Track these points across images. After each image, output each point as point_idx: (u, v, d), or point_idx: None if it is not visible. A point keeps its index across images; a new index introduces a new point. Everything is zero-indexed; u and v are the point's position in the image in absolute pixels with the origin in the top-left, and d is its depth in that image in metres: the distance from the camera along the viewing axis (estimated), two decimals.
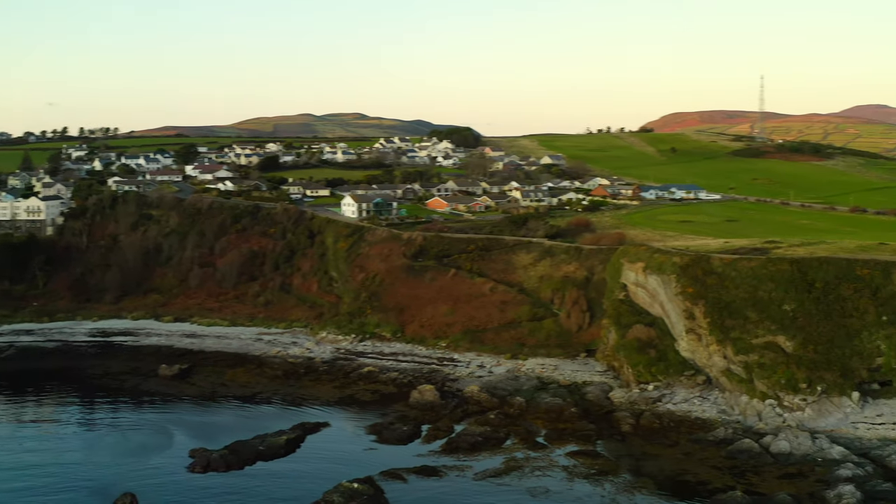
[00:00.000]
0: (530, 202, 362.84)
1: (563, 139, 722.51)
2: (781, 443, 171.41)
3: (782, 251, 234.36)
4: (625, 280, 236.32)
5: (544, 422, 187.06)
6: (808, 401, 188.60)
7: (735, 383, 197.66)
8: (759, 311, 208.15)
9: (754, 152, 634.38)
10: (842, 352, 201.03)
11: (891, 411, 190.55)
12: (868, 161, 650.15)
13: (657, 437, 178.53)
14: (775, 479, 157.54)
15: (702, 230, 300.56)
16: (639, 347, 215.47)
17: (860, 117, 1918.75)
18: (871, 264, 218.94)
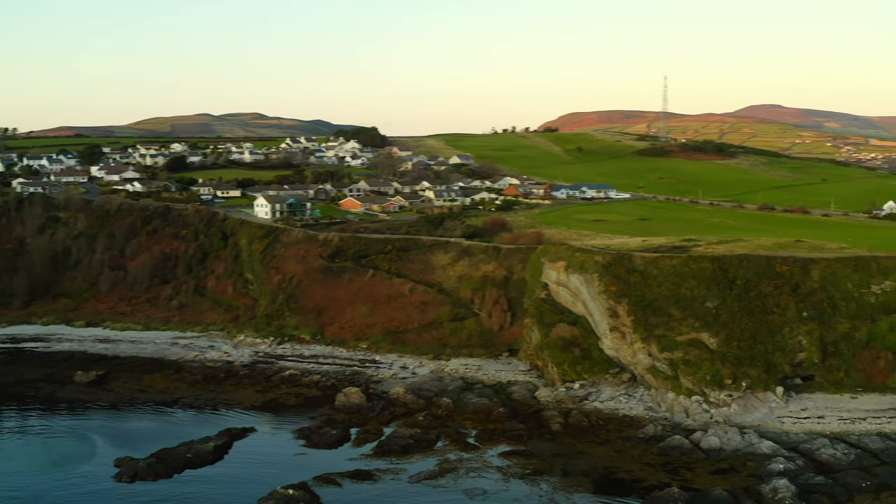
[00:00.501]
0: (444, 202, 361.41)
1: (469, 139, 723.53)
2: (711, 438, 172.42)
3: (702, 249, 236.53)
4: (546, 279, 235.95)
5: (473, 422, 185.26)
6: (733, 396, 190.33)
7: (660, 380, 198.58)
8: (682, 308, 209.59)
9: (659, 151, 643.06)
10: (764, 347, 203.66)
11: (814, 405, 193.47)
12: (770, 160, 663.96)
13: (588, 436, 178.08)
14: (708, 475, 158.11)
15: (616, 229, 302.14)
16: (563, 346, 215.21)
17: (754, 117, 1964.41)
18: (790, 261, 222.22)
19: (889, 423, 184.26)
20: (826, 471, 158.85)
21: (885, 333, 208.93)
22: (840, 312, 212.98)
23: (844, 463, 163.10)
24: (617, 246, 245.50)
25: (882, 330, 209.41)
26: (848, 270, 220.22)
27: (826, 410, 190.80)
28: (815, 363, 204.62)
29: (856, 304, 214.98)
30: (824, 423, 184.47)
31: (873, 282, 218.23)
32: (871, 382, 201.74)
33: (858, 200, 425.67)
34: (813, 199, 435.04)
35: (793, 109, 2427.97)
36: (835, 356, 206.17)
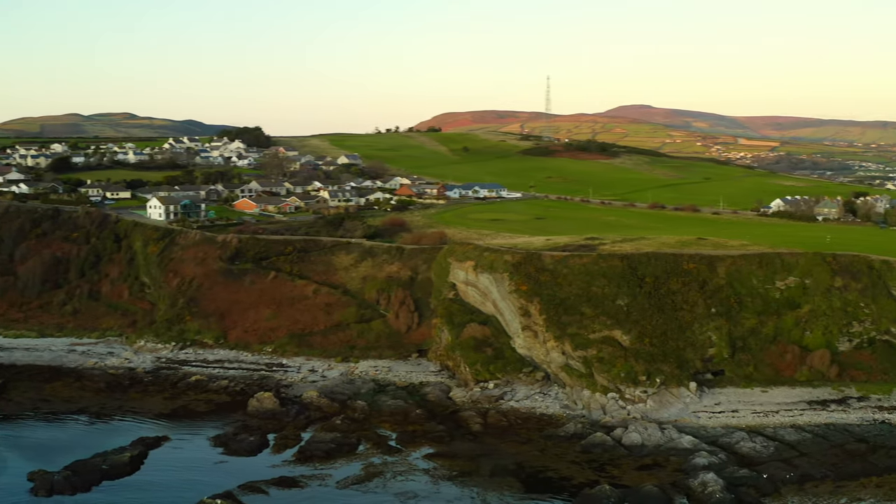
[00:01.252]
0: (339, 202, 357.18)
1: (354, 139, 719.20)
2: (633, 435, 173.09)
3: (609, 248, 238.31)
4: (454, 279, 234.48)
5: (392, 425, 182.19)
6: (648, 392, 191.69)
7: (575, 378, 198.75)
8: (593, 306, 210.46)
9: (544, 151, 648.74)
10: (676, 344, 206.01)
11: (727, 399, 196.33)
12: (652, 159, 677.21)
13: (509, 435, 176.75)
14: (634, 471, 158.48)
15: (515, 228, 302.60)
16: (475, 346, 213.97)
17: (625, 117, 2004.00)
18: (697, 259, 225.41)
19: (801, 415, 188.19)
20: (748, 464, 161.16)
21: (791, 328, 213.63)
22: (746, 308, 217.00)
23: (765, 455, 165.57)
24: (522, 245, 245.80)
25: (787, 325, 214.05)
26: (753, 267, 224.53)
27: (739, 404, 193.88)
28: (724, 358, 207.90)
29: (761, 299, 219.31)
30: (739, 416, 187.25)
31: (777, 278, 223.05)
32: (779, 376, 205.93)
33: (744, 198, 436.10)
34: (697, 197, 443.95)
35: (662, 109, 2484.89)
36: (743, 351, 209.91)
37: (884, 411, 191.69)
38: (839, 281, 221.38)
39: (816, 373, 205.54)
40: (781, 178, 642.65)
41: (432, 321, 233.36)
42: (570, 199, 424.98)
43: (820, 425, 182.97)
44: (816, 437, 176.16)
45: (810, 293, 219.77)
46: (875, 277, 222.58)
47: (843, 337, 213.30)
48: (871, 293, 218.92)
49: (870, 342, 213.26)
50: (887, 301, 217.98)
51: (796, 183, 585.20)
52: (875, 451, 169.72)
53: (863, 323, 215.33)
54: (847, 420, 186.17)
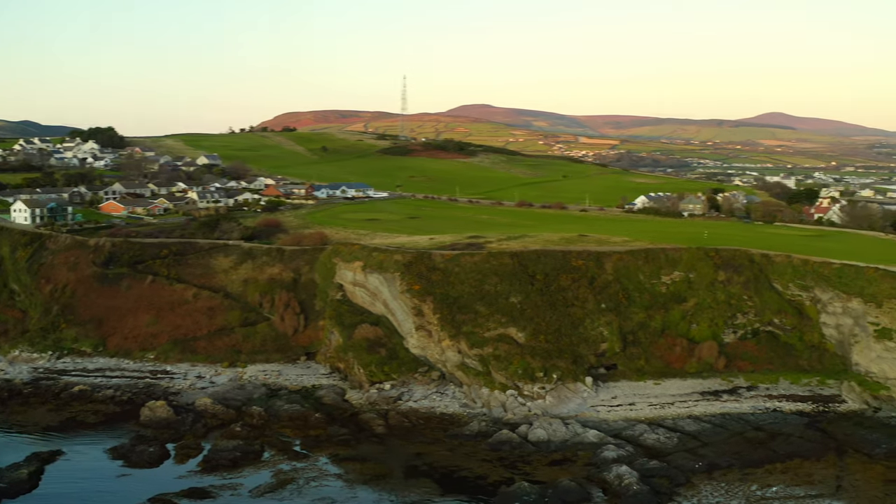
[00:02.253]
0: (208, 204, 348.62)
1: (209, 139, 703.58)
2: (538, 431, 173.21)
3: (495, 246, 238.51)
4: (341, 280, 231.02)
5: (293, 430, 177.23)
6: (546, 388, 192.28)
7: (472, 376, 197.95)
8: (487, 304, 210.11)
9: (402, 150, 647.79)
10: (570, 340, 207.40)
11: (622, 393, 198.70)
12: (509, 158, 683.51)
13: (414, 436, 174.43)
14: (546, 467, 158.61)
15: (392, 228, 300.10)
16: (368, 347, 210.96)
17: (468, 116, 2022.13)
18: (585, 255, 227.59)
19: (696, 405, 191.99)
20: (655, 455, 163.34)
21: (678, 321, 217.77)
22: (635, 303, 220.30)
23: (670, 447, 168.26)
24: (406, 245, 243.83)
25: (675, 318, 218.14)
26: (639, 262, 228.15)
27: (635, 397, 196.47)
28: (617, 353, 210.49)
29: (649, 294, 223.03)
30: (637, 409, 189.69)
31: (663, 273, 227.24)
32: (670, 368, 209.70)
33: (604, 196, 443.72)
34: (558, 194, 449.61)
35: (503, 109, 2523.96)
36: (634, 345, 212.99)
37: (773, 399, 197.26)
38: (722, 275, 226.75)
39: (705, 364, 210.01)
40: (634, 176, 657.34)
41: (319, 323, 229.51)
42: (438, 198, 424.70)
43: (716, 415, 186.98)
44: (715, 427, 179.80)
45: (695, 287, 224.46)
46: (756, 271, 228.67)
47: (728, 329, 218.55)
48: (754, 286, 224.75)
49: (754, 333, 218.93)
50: (769, 293, 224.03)
51: (649, 180, 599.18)
52: (774, 439, 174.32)
53: (746, 315, 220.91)
54: (741, 409, 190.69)
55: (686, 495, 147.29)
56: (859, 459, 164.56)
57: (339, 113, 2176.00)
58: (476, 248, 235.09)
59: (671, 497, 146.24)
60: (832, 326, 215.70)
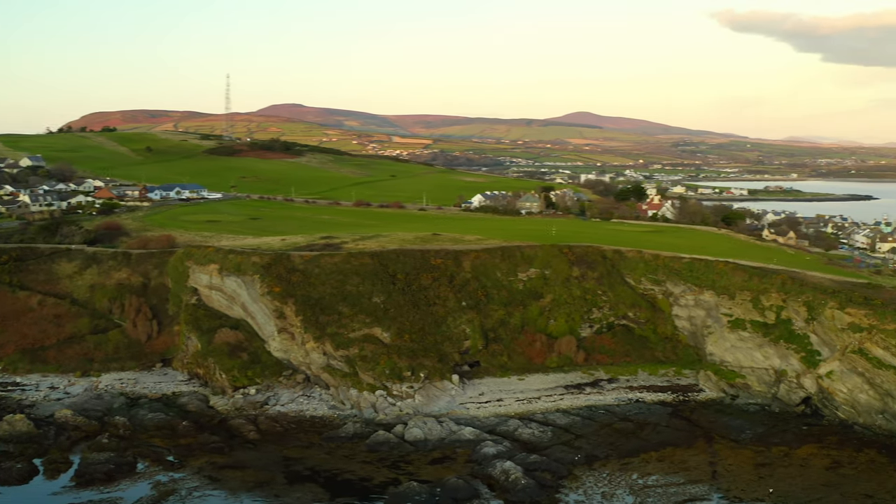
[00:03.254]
0: (41, 207, 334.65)
1: (28, 139, 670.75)
2: (414, 430, 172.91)
3: (352, 246, 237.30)
4: (195, 283, 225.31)
5: (163, 440, 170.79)
6: (415, 387, 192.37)
7: (339, 378, 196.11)
8: (350, 305, 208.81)
9: (229, 151, 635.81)
10: (434, 338, 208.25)
11: (489, 389, 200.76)
12: (336, 158, 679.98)
13: (289, 440, 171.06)
14: (429, 466, 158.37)
15: (235, 229, 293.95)
16: (229, 352, 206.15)
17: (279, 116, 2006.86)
18: (443, 254, 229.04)
19: (562, 399, 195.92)
20: (533, 449, 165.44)
21: (537, 317, 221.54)
22: (493, 300, 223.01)
23: (546, 440, 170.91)
24: (262, 246, 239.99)
25: (533, 314, 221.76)
26: (496, 260, 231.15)
27: (501, 393, 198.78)
28: (480, 350, 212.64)
29: (507, 291, 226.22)
30: (505, 405, 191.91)
31: (519, 270, 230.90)
32: (532, 364, 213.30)
33: (436, 194, 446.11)
34: (391, 194, 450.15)
35: (314, 108, 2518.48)
36: (496, 342, 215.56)
37: (635, 391, 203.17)
38: (577, 271, 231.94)
39: (565, 358, 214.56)
40: (461, 174, 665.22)
41: (174, 328, 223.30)
42: (274, 199, 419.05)
43: (583, 408, 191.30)
44: (584, 420, 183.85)
45: (551, 283, 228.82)
46: (609, 266, 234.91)
47: (584, 323, 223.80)
48: (608, 281, 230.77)
49: (609, 327, 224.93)
50: (622, 288, 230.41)
51: (477, 179, 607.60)
52: (643, 429, 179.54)
53: (601, 309, 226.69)
54: (605, 401, 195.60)
55: (571, 487, 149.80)
56: (727, 445, 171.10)
57: (148, 112, 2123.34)
58: (333, 248, 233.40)
59: (557, 490, 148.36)
60: (684, 318, 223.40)
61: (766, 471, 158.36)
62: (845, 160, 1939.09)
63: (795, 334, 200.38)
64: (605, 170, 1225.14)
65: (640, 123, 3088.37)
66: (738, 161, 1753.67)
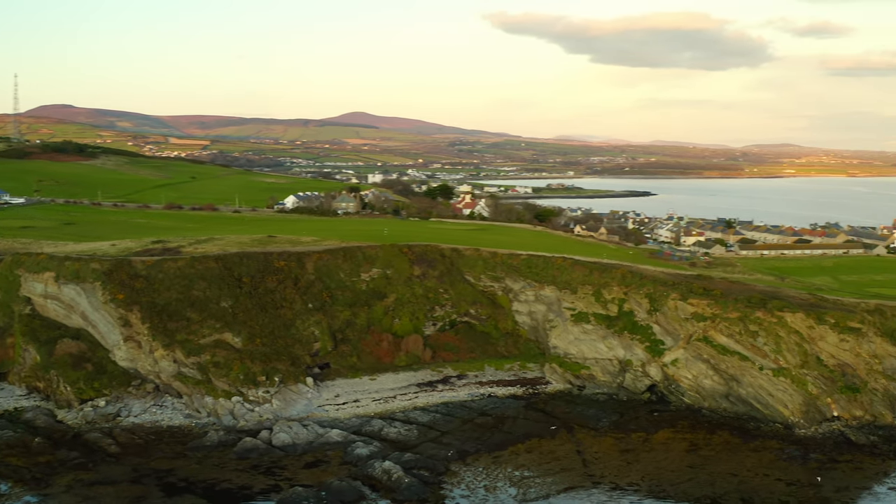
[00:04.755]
0: None
1: None
2: (281, 435, 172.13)
3: (190, 249, 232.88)
4: (28, 293, 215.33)
5: (18, 458, 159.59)
6: (271, 392, 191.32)
7: (192, 386, 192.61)
8: (199, 310, 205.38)
9: (20, 153, 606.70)
10: (285, 341, 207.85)
11: (343, 391, 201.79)
12: (131, 160, 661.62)
13: (152, 452, 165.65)
14: (304, 470, 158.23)
15: (53, 235, 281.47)
16: (73, 363, 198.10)
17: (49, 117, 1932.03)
18: (286, 256, 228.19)
19: (417, 397, 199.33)
20: (404, 448, 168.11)
21: (382, 317, 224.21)
22: (338, 301, 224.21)
23: (413, 439, 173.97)
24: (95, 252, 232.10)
25: (378, 314, 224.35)
26: (338, 261, 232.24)
27: (356, 394, 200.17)
28: (329, 351, 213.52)
29: (350, 292, 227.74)
30: (363, 406, 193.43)
31: (362, 270, 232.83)
32: (381, 363, 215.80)
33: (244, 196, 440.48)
34: (196, 196, 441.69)
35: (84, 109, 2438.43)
36: (344, 343, 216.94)
37: (485, 386, 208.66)
38: (418, 270, 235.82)
39: (413, 357, 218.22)
40: (261, 175, 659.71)
41: (7, 340, 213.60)
42: (80, 203, 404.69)
43: (439, 405, 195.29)
44: (445, 416, 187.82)
45: (393, 283, 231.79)
46: (448, 264, 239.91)
47: (428, 322, 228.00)
48: (448, 279, 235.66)
49: (452, 324, 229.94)
50: (463, 285, 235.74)
51: (279, 180, 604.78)
52: (503, 422, 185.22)
53: (444, 307, 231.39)
54: (459, 397, 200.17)
55: (453, 482, 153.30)
56: (588, 434, 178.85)
57: None
58: (173, 252, 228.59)
59: (440, 486, 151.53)
60: (525, 314, 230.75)
61: (632, 456, 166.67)
62: (616, 158, 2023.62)
63: (639, 325, 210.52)
64: (387, 169, 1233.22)
65: (416, 123, 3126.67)
66: (515, 160, 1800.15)
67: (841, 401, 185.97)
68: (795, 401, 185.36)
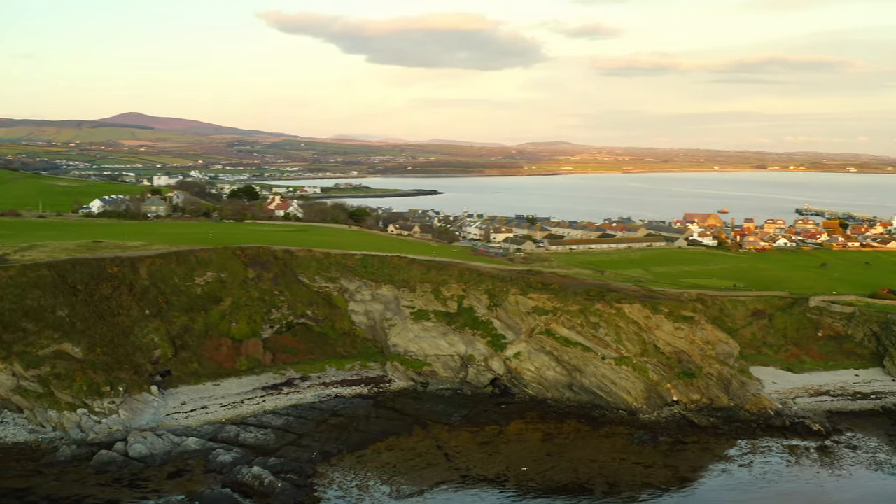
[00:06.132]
0: None
1: None
2: (137, 446, 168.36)
3: (17, 257, 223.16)
4: None
5: None
6: (117, 403, 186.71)
7: (33, 399, 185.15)
8: (35, 320, 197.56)
9: None
10: (125, 350, 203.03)
11: (189, 398, 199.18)
12: None
13: (4, 471, 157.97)
14: (170, 480, 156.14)
15: None
16: None
17: None
18: (119, 261, 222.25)
19: (264, 401, 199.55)
20: (265, 452, 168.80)
21: (219, 321, 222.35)
22: (174, 306, 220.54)
23: (272, 442, 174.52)
24: None
25: (215, 318, 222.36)
26: (172, 265, 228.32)
27: (203, 401, 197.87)
28: (170, 358, 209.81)
29: (186, 296, 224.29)
30: (212, 412, 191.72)
31: (196, 274, 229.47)
32: (223, 369, 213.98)
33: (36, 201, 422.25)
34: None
35: None
36: (184, 349, 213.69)
37: (329, 386, 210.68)
38: (252, 272, 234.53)
39: (254, 360, 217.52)
40: (54, 179, 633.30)
41: None
42: None
43: (289, 407, 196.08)
44: (298, 419, 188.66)
45: (228, 286, 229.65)
46: (282, 266, 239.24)
47: (265, 324, 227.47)
48: (283, 281, 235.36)
49: (289, 326, 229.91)
50: (298, 287, 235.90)
51: (71, 183, 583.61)
52: (356, 422, 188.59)
53: (280, 309, 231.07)
54: (306, 399, 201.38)
55: (324, 483, 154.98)
56: (443, 429, 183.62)
57: None
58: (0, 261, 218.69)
59: (313, 489, 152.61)
60: (361, 314, 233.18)
61: (492, 448, 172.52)
62: (397, 157, 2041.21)
63: (480, 321, 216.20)
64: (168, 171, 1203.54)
65: (192, 124, 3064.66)
66: (296, 160, 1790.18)
67: (679, 386, 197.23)
68: (638, 388, 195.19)
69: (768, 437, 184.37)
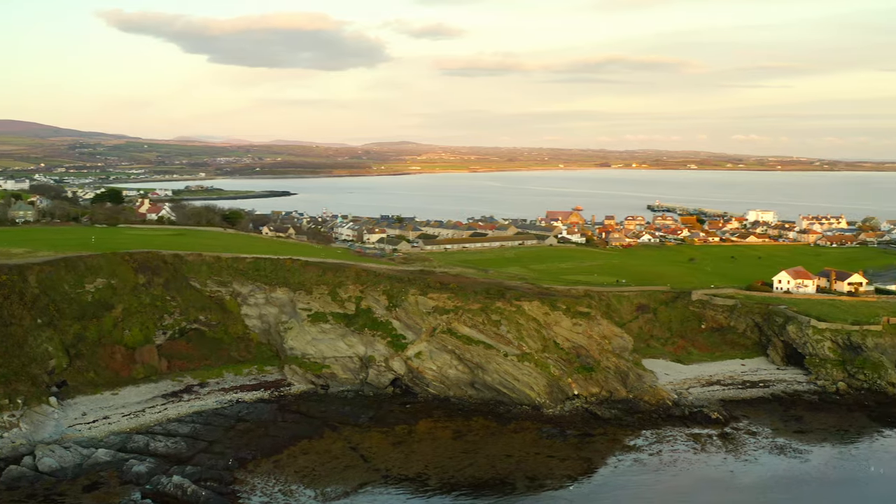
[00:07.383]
0: None
1: None
2: (46, 460, 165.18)
3: None
4: None
5: None
6: (16, 416, 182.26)
7: None
8: None
9: None
10: (20, 361, 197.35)
11: (89, 409, 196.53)
12: None
13: None
14: (86, 494, 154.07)
15: None
16: None
17: None
18: (6, 269, 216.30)
19: (166, 409, 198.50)
20: (179, 461, 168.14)
21: (112, 329, 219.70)
22: (66, 315, 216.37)
23: (184, 451, 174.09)
24: None
25: (108, 326, 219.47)
26: (61, 272, 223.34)
27: (103, 411, 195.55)
28: (65, 368, 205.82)
29: (77, 304, 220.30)
30: (115, 422, 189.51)
31: (86, 281, 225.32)
32: (119, 377, 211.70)
33: None
34: None
35: None
36: (79, 358, 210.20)
37: (229, 392, 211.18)
38: (142, 278, 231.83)
39: (150, 368, 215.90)
40: None
41: None
42: None
43: (192, 414, 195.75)
44: (205, 426, 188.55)
45: (120, 293, 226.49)
46: (172, 271, 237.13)
47: (158, 331, 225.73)
48: (174, 286, 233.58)
49: (182, 332, 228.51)
50: (190, 292, 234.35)
51: None
52: (264, 427, 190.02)
53: (173, 315, 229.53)
54: (208, 405, 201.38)
55: (247, 490, 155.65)
56: (354, 431, 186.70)
57: None
58: None
59: (236, 495, 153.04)
60: (255, 317, 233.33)
61: (406, 448, 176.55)
62: (243, 158, 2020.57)
63: (379, 322, 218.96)
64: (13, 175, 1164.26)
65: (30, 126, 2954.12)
66: (140, 162, 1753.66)
67: (579, 380, 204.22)
68: (540, 383, 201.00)
69: (670, 426, 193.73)
